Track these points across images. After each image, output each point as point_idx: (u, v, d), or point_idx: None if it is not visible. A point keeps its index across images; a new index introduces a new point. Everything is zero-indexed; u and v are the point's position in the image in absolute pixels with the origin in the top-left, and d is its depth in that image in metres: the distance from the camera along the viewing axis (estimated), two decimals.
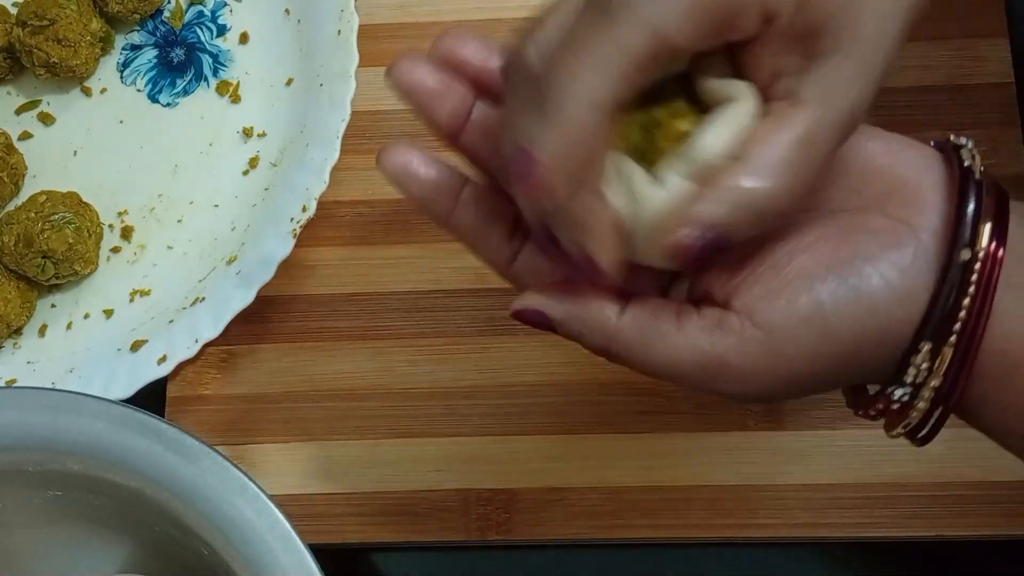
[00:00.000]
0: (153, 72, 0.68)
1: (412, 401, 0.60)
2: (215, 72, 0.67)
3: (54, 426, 0.48)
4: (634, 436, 0.59)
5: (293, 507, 0.50)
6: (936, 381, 0.38)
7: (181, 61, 0.68)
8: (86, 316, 0.64)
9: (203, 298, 0.61)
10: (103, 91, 0.68)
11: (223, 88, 0.67)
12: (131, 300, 0.64)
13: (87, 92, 0.68)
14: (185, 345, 0.61)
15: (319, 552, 0.45)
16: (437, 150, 0.42)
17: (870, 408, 0.40)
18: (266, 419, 0.61)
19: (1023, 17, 0.64)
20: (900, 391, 0.38)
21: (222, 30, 0.68)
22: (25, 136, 0.67)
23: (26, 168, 0.66)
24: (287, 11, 0.67)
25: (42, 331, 0.64)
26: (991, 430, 0.40)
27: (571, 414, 0.59)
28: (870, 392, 0.40)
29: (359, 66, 0.63)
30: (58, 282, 0.63)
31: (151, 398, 0.60)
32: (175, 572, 0.52)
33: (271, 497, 0.46)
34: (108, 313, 0.64)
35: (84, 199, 0.64)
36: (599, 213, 0.37)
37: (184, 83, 0.67)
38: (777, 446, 0.58)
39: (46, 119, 0.67)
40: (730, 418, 0.58)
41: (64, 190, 0.63)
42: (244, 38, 0.68)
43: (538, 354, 0.60)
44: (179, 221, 0.65)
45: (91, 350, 0.63)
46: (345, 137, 0.62)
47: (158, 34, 0.68)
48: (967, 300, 0.37)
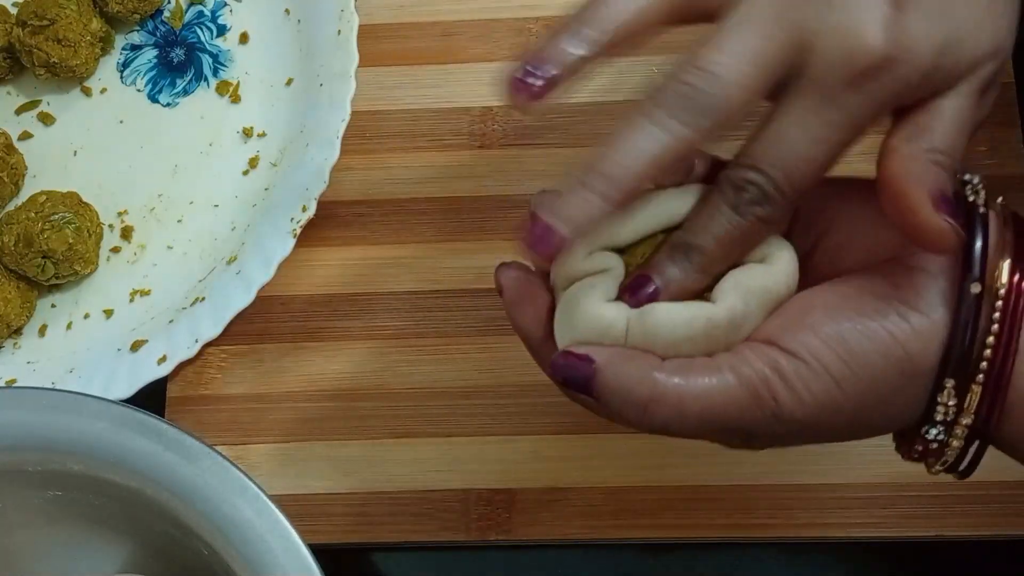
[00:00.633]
0: (153, 72, 0.68)
1: (412, 401, 0.60)
2: (215, 72, 0.67)
3: (54, 426, 0.48)
4: (634, 436, 0.58)
5: (293, 507, 0.50)
6: (968, 419, 0.38)
7: (181, 61, 0.68)
8: (86, 316, 0.64)
9: (203, 298, 0.61)
10: (103, 91, 0.68)
11: (223, 88, 0.67)
12: (131, 300, 0.64)
13: (87, 92, 0.68)
14: (185, 345, 0.61)
15: (319, 552, 0.45)
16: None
17: (912, 449, 0.40)
18: (266, 419, 0.61)
19: (1022, 17, 0.63)
20: (934, 431, 0.39)
21: (222, 30, 0.68)
22: (25, 136, 0.67)
23: (26, 168, 0.66)
24: (287, 11, 0.67)
25: (42, 331, 0.64)
26: None
27: (571, 414, 0.59)
28: (907, 434, 0.40)
29: (359, 66, 0.63)
30: (58, 282, 0.63)
31: (151, 398, 0.60)
32: (175, 572, 0.52)
33: (271, 497, 0.46)
34: (108, 313, 0.64)
35: (84, 199, 0.64)
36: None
37: (184, 83, 0.67)
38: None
39: (46, 119, 0.67)
40: None
41: (64, 190, 0.63)
42: (244, 38, 0.68)
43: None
44: (179, 221, 0.65)
45: (91, 350, 0.63)
46: (345, 137, 0.62)
47: (158, 34, 0.69)
48: (991, 338, 0.37)
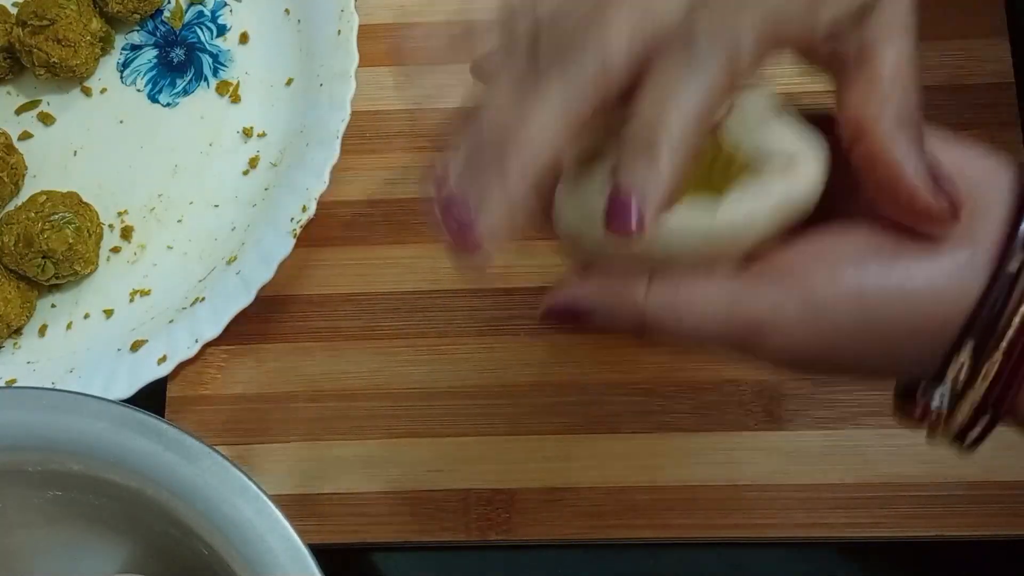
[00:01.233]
0: (153, 72, 0.68)
1: (412, 401, 0.60)
2: (215, 72, 0.67)
3: (54, 426, 0.48)
4: (634, 436, 0.59)
5: (293, 507, 0.50)
6: (983, 387, 0.37)
7: (181, 61, 0.68)
8: (86, 316, 0.64)
9: (203, 298, 0.61)
10: (103, 91, 0.68)
11: (223, 88, 0.67)
12: (131, 300, 0.64)
13: (87, 92, 0.68)
14: (185, 345, 0.61)
15: (319, 552, 0.46)
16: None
17: (915, 410, 0.39)
18: (266, 419, 0.61)
19: (1023, 17, 0.64)
20: (939, 391, 0.38)
21: (222, 30, 0.68)
22: (25, 136, 0.67)
23: (26, 168, 0.66)
24: (287, 11, 0.67)
25: (42, 331, 0.64)
26: None
27: (571, 414, 0.59)
28: (914, 396, 0.39)
29: (359, 66, 0.63)
30: (58, 282, 0.63)
31: (151, 398, 0.60)
32: (175, 572, 0.52)
33: (271, 497, 0.46)
34: (108, 313, 0.64)
35: (84, 199, 0.64)
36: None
37: (184, 83, 0.67)
38: (777, 446, 0.58)
39: (46, 119, 0.67)
40: (730, 418, 0.58)
41: (64, 190, 0.64)
42: (244, 38, 0.68)
43: (538, 354, 0.60)
44: (179, 221, 0.65)
45: (91, 350, 0.63)
46: (345, 137, 0.62)
47: (158, 34, 0.68)
48: (1018, 318, 0.36)
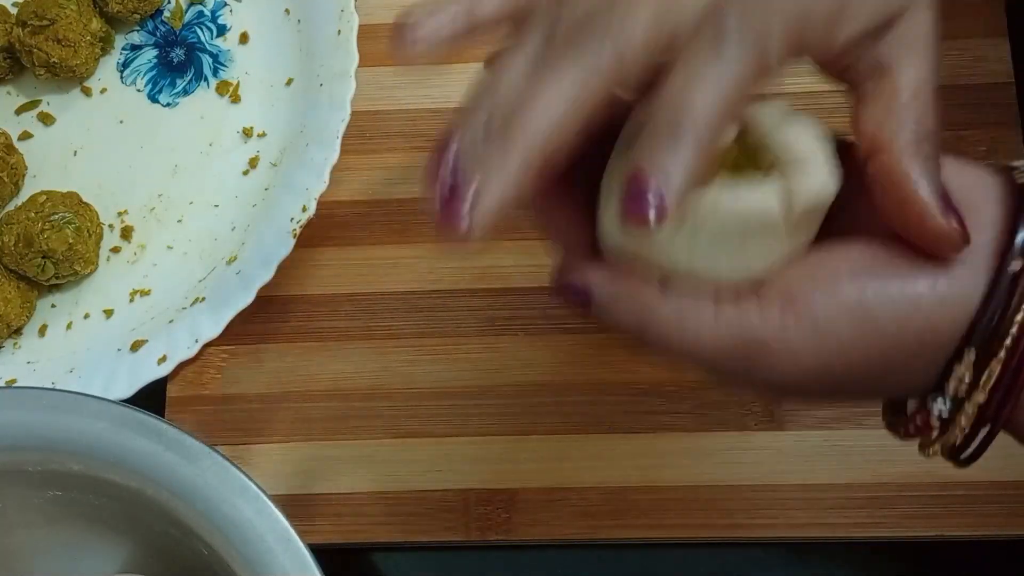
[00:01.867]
0: (153, 72, 0.68)
1: (412, 401, 0.60)
2: (215, 72, 0.67)
3: (54, 426, 0.48)
4: (634, 436, 0.59)
5: (293, 507, 0.50)
6: (983, 396, 0.37)
7: (181, 61, 0.68)
8: (86, 316, 0.64)
9: (203, 298, 0.61)
10: (103, 91, 0.68)
11: (223, 88, 0.67)
12: (131, 300, 0.64)
13: (87, 92, 0.68)
14: (185, 345, 0.61)
15: (319, 552, 0.46)
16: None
17: (909, 424, 0.39)
18: (266, 419, 0.61)
19: (1023, 17, 0.64)
20: (939, 402, 0.38)
21: (222, 30, 0.68)
22: (25, 136, 0.67)
23: (26, 168, 0.66)
24: (287, 11, 0.67)
25: (42, 331, 0.64)
26: None
27: (571, 414, 0.59)
28: (909, 408, 0.39)
29: (359, 66, 0.63)
30: (58, 282, 0.63)
31: (151, 398, 0.60)
32: (175, 572, 0.52)
33: (271, 497, 0.46)
34: (108, 313, 0.64)
35: (84, 199, 0.64)
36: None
37: (184, 83, 0.67)
38: (777, 446, 0.58)
39: (46, 119, 0.67)
40: (730, 418, 0.58)
41: (64, 190, 0.64)
42: (244, 38, 0.68)
43: (538, 354, 0.60)
44: (179, 221, 0.65)
45: (91, 350, 0.63)
46: (345, 137, 0.62)
47: (158, 34, 0.68)
48: (1020, 315, 0.36)
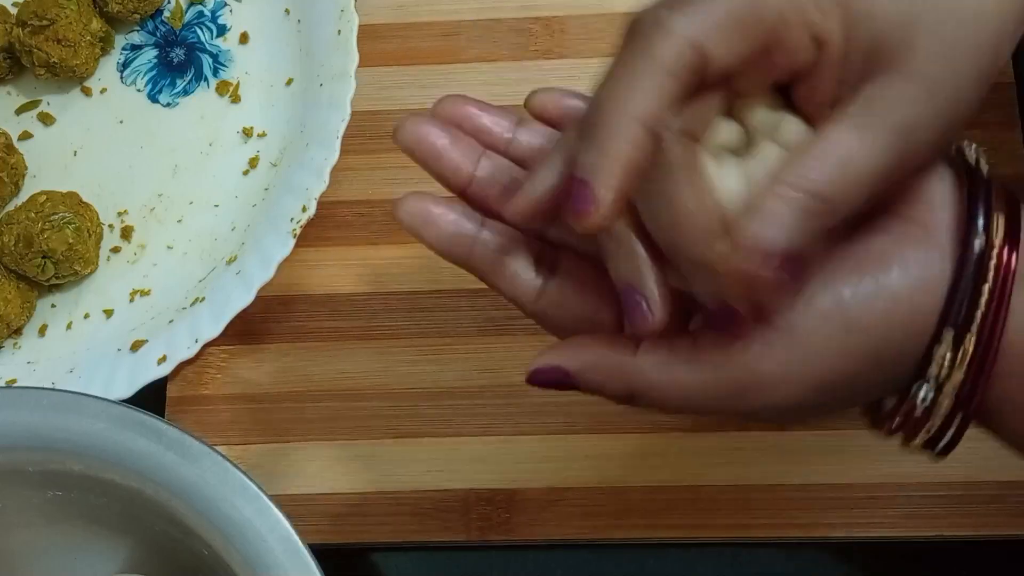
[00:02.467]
0: (153, 72, 0.68)
1: (412, 401, 0.60)
2: (215, 72, 0.67)
3: (54, 426, 0.48)
4: (634, 436, 0.59)
5: (293, 507, 0.50)
6: (960, 374, 0.37)
7: (181, 61, 0.68)
8: (86, 316, 0.64)
9: (203, 298, 0.61)
10: (103, 91, 0.68)
11: (223, 88, 0.67)
12: (131, 300, 0.64)
13: (87, 92, 0.68)
14: (185, 345, 0.61)
15: (319, 552, 0.45)
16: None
17: (893, 417, 0.39)
18: (266, 419, 0.61)
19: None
20: (924, 390, 0.38)
21: (222, 30, 0.68)
22: (25, 136, 0.67)
23: (26, 168, 0.66)
24: (287, 11, 0.67)
25: (42, 331, 0.64)
26: (1014, 434, 0.39)
27: (571, 414, 0.59)
28: (890, 404, 0.40)
29: (359, 66, 0.63)
30: (58, 282, 0.63)
31: (151, 398, 0.60)
32: (175, 572, 0.52)
33: (271, 497, 0.46)
34: (108, 313, 0.64)
35: (84, 199, 0.64)
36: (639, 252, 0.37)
37: (184, 83, 0.67)
38: (777, 446, 0.58)
39: (46, 119, 0.67)
40: (728, 420, 0.58)
41: (64, 190, 0.63)
42: (244, 38, 0.68)
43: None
44: (179, 221, 0.65)
45: (91, 350, 0.63)
46: (345, 137, 0.62)
47: (158, 34, 0.68)
48: (986, 287, 0.36)
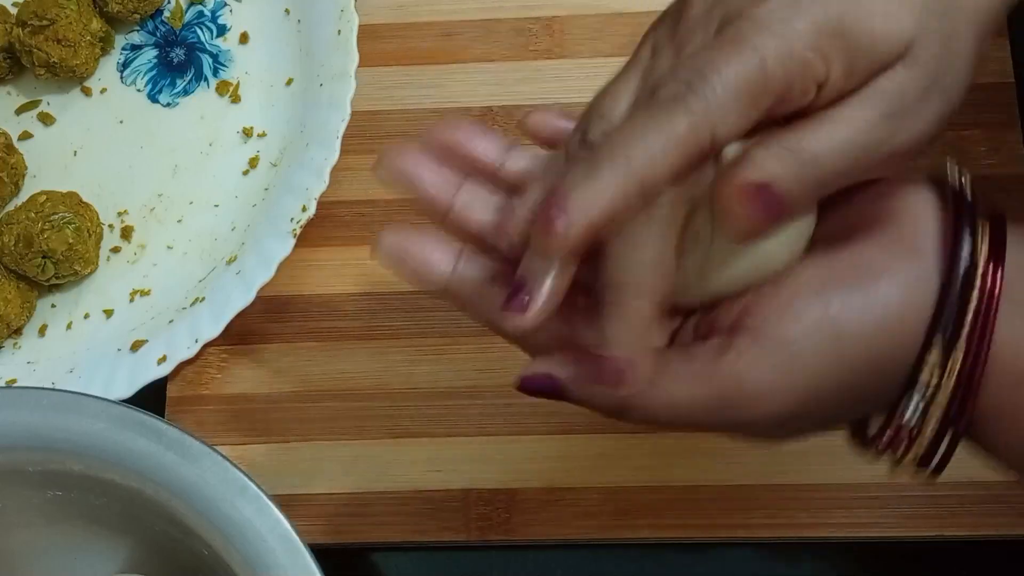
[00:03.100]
0: (153, 72, 0.68)
1: (412, 401, 0.60)
2: (215, 72, 0.67)
3: (54, 426, 0.48)
4: (634, 436, 0.59)
5: (293, 507, 0.50)
6: (950, 382, 0.37)
7: (181, 61, 0.68)
8: (86, 316, 0.64)
9: (203, 298, 0.61)
10: (103, 91, 0.68)
11: (223, 88, 0.67)
12: (131, 300, 0.64)
13: (87, 92, 0.68)
14: (185, 345, 0.61)
15: (319, 552, 0.45)
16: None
17: (882, 435, 0.39)
18: (266, 419, 0.61)
19: (1023, 17, 0.63)
20: (914, 401, 0.38)
21: (222, 30, 0.68)
22: (25, 136, 0.67)
23: (26, 168, 0.66)
24: (287, 11, 0.67)
25: (42, 331, 0.64)
26: (1003, 448, 0.39)
27: (571, 414, 0.59)
28: (874, 427, 0.40)
29: (359, 66, 0.63)
30: (58, 282, 0.63)
31: (151, 398, 0.60)
32: (175, 572, 0.52)
33: (271, 497, 0.46)
34: (108, 313, 0.64)
35: (84, 199, 0.64)
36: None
37: (184, 83, 0.67)
38: (777, 446, 0.58)
39: (46, 119, 0.67)
40: None
41: (64, 190, 0.63)
42: (244, 38, 0.68)
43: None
44: (179, 221, 0.65)
45: (91, 350, 0.63)
46: (345, 137, 0.62)
47: (158, 34, 0.68)
48: (972, 304, 0.37)
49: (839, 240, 0.39)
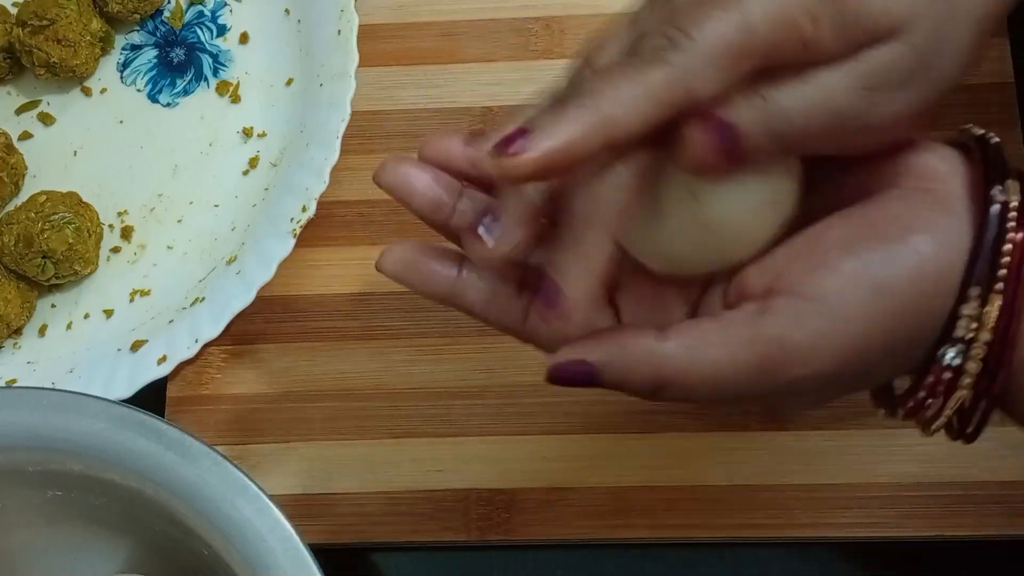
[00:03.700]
0: (153, 72, 0.68)
1: (412, 401, 0.60)
2: (215, 72, 0.67)
3: (54, 426, 0.48)
4: (634, 436, 0.59)
5: (293, 507, 0.50)
6: (986, 335, 0.37)
7: (181, 61, 0.68)
8: (86, 316, 0.64)
9: (203, 298, 0.61)
10: (103, 91, 0.68)
11: (223, 88, 0.67)
12: (131, 300, 0.64)
13: (87, 92, 0.68)
14: (185, 345, 0.61)
15: (319, 552, 0.46)
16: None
17: (916, 392, 0.39)
18: (266, 419, 0.61)
19: (1023, 17, 0.63)
20: (951, 353, 0.37)
21: (222, 30, 0.68)
22: (25, 136, 0.67)
23: (26, 168, 0.66)
24: (287, 11, 0.67)
25: (42, 331, 0.64)
26: None
27: (571, 414, 0.59)
28: (906, 386, 0.39)
29: (359, 66, 0.63)
30: (58, 282, 0.63)
31: (151, 398, 0.60)
32: (175, 572, 0.52)
33: (271, 497, 0.46)
34: (108, 313, 0.64)
35: (84, 199, 0.64)
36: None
37: (184, 83, 0.67)
38: (777, 446, 0.58)
39: (46, 119, 0.67)
40: (730, 418, 0.58)
41: (64, 190, 0.63)
42: (244, 38, 0.68)
43: (537, 354, 0.60)
44: (179, 221, 0.65)
45: (91, 350, 0.63)
46: (345, 137, 0.62)
47: (158, 34, 0.68)
48: (1007, 248, 0.37)
49: (858, 202, 0.38)
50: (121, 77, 0.68)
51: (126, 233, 0.65)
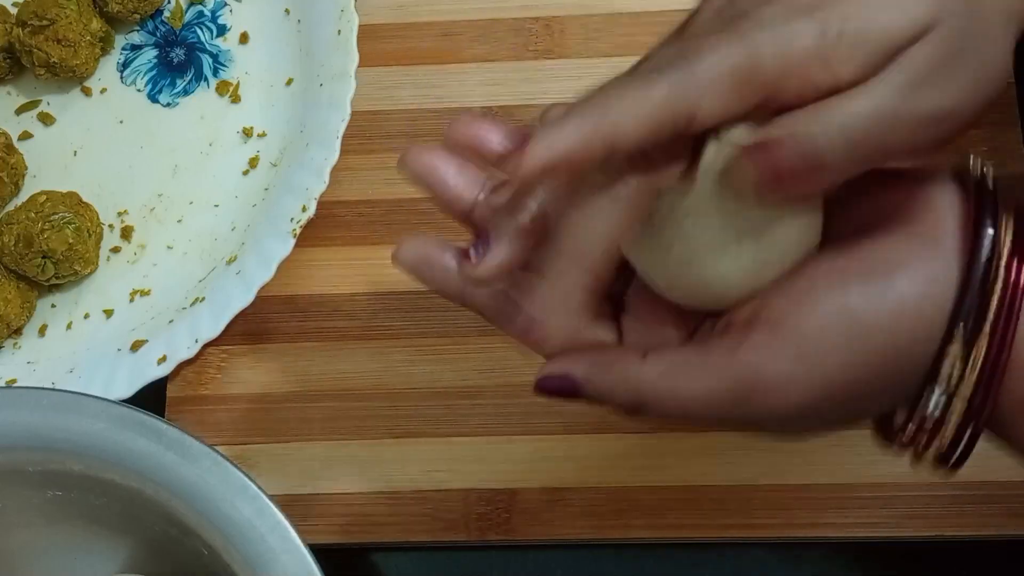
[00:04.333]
0: (153, 72, 0.68)
1: (412, 401, 0.60)
2: (215, 72, 0.67)
3: (54, 426, 0.48)
4: (634, 436, 0.59)
5: (293, 507, 0.50)
6: (973, 377, 0.37)
7: (181, 61, 0.68)
8: (86, 316, 0.64)
9: (203, 298, 0.61)
10: (103, 91, 0.68)
11: (223, 88, 0.67)
12: (131, 300, 0.64)
13: (87, 92, 0.68)
14: (185, 345, 0.61)
15: (319, 552, 0.46)
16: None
17: (904, 429, 0.39)
18: (266, 419, 0.61)
19: None
20: (935, 395, 0.38)
21: (222, 30, 0.68)
22: (25, 136, 0.67)
23: (26, 168, 0.66)
24: (287, 11, 0.67)
25: (42, 331, 0.64)
26: None
27: (571, 414, 0.59)
28: (899, 419, 0.39)
29: (359, 66, 0.63)
30: (58, 282, 0.63)
31: (151, 398, 0.60)
32: (175, 572, 0.52)
33: (271, 497, 0.46)
34: (108, 313, 0.64)
35: (84, 199, 0.64)
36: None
37: (184, 83, 0.67)
38: (777, 446, 0.58)
39: (46, 119, 0.67)
40: None
41: (64, 190, 0.63)
42: (244, 38, 0.68)
43: (538, 354, 0.60)
44: (179, 221, 0.65)
45: (91, 350, 0.63)
46: (345, 137, 0.62)
47: (158, 34, 0.69)
48: (995, 295, 0.36)
49: (854, 235, 0.38)
50: (121, 77, 0.68)
51: (126, 233, 0.65)
